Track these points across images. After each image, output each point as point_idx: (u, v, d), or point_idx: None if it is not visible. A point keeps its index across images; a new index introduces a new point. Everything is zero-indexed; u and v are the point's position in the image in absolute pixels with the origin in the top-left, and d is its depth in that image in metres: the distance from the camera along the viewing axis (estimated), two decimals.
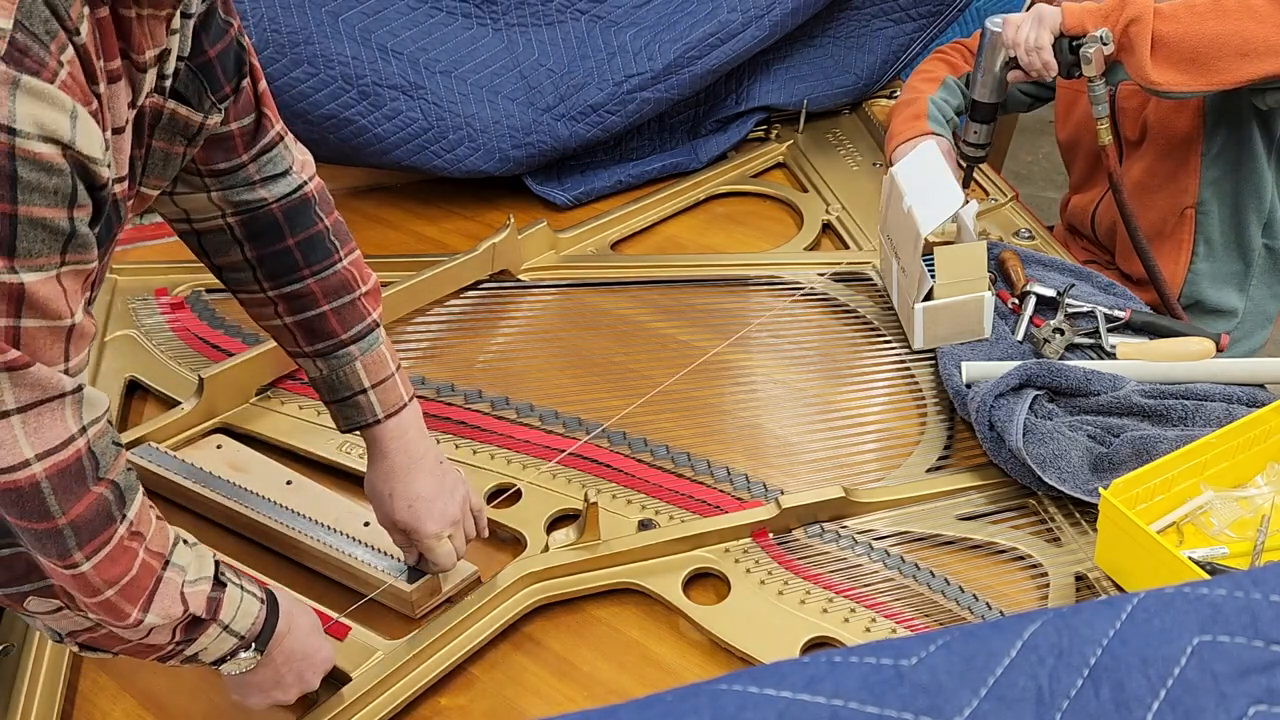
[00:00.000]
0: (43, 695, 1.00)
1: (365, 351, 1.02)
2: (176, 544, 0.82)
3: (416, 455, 1.04)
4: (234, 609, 0.86)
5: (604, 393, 1.35)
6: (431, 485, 1.04)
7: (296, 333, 1.02)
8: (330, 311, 1.01)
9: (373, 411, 1.03)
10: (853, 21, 1.94)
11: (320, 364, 1.02)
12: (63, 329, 0.68)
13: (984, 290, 1.37)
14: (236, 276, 1.02)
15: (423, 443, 1.05)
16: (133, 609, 0.77)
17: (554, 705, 1.02)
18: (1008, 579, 1.13)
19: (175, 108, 0.85)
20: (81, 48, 0.67)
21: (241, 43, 0.92)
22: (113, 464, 0.74)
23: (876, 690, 0.51)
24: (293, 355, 1.05)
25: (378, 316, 1.05)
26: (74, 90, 0.66)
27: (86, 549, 0.72)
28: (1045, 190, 3.39)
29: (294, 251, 1.00)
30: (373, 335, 1.04)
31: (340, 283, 1.02)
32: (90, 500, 0.72)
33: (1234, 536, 1.15)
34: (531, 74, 1.75)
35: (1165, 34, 1.36)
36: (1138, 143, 1.64)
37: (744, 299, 1.55)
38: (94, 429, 0.72)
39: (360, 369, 1.02)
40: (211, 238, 1.00)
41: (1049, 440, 1.20)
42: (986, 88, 1.54)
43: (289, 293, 1.01)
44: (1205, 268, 1.67)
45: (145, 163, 0.85)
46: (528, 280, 1.57)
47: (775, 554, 1.14)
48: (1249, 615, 0.54)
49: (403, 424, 1.04)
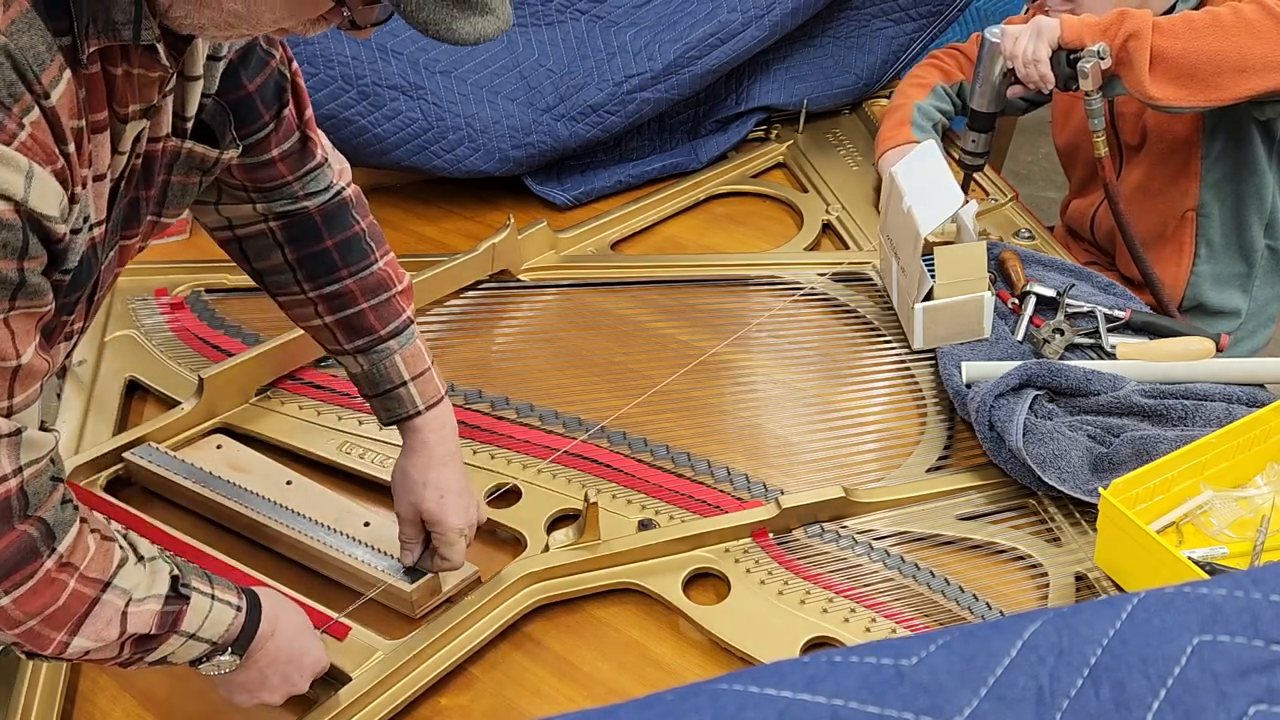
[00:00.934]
0: (43, 695, 1.00)
1: (403, 346, 1.06)
2: (122, 566, 0.82)
3: (452, 449, 1.08)
4: (200, 619, 0.86)
5: (604, 393, 1.35)
6: (462, 481, 1.07)
7: (337, 331, 1.06)
8: (369, 309, 1.05)
9: (414, 403, 1.06)
10: (853, 21, 1.94)
11: (361, 360, 1.06)
12: (7, 370, 0.71)
13: (984, 290, 1.37)
14: (277, 279, 1.06)
15: (455, 439, 1.09)
16: (58, 634, 0.78)
17: (554, 705, 1.02)
18: (1008, 579, 1.13)
19: (192, 147, 0.88)
20: (50, 110, 0.69)
21: (284, 71, 0.96)
22: (44, 501, 0.75)
23: (877, 690, 0.51)
24: (333, 353, 1.09)
25: (411, 313, 1.09)
26: (34, 151, 0.68)
27: (5, 583, 0.73)
28: (1045, 190, 3.39)
29: (333, 253, 1.04)
30: (409, 331, 1.08)
31: (377, 282, 1.06)
32: (12, 538, 0.73)
33: (1234, 536, 1.15)
34: (531, 74, 1.75)
35: (1164, 50, 1.36)
36: (1138, 147, 1.64)
37: (744, 299, 1.55)
38: (30, 470, 0.74)
39: (400, 362, 1.06)
40: (253, 242, 1.05)
41: (1049, 440, 1.20)
42: (985, 97, 1.54)
43: (329, 293, 1.05)
44: (1207, 270, 1.67)
45: (164, 196, 0.89)
46: (528, 280, 1.57)
47: (775, 554, 1.14)
48: (1249, 615, 0.54)
49: (441, 416, 1.08)
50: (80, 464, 1.20)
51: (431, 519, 1.05)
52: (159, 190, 0.88)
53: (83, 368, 1.36)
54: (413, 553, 1.08)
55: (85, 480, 1.20)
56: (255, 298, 1.50)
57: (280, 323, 1.39)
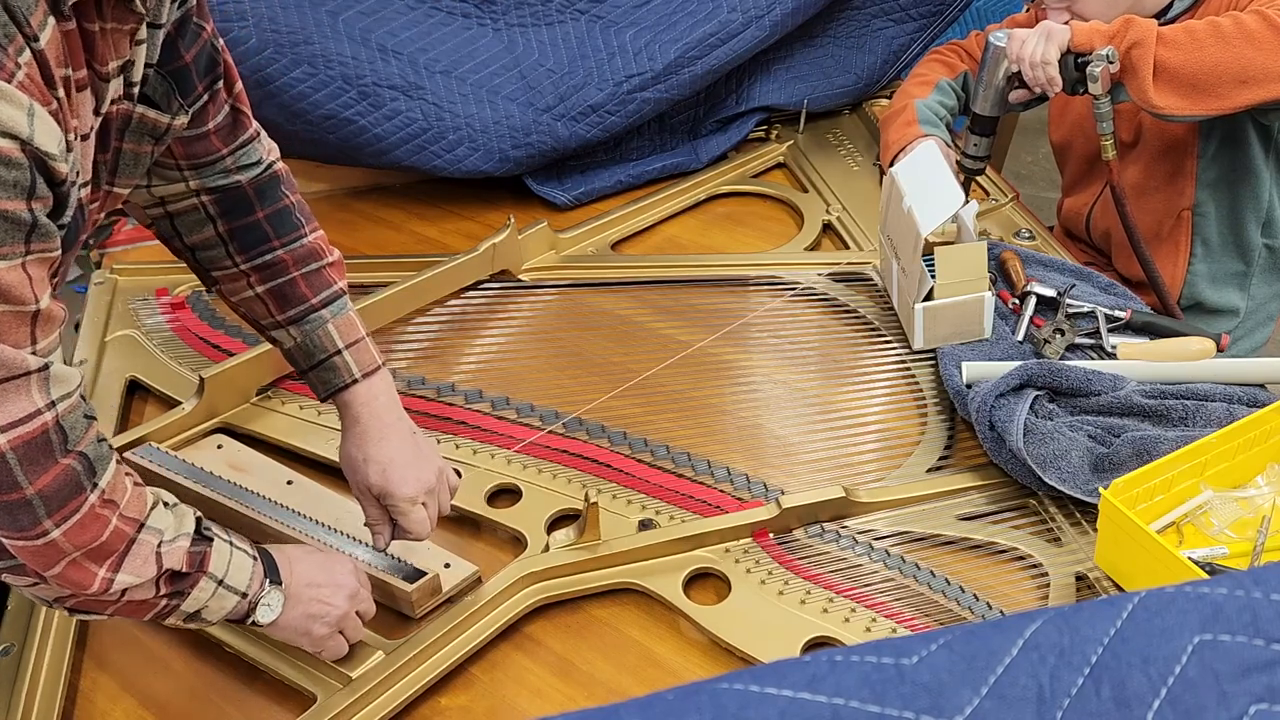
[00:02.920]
0: (43, 695, 1.00)
1: (336, 315, 1.07)
2: (154, 508, 0.85)
3: (389, 421, 1.07)
4: (225, 562, 0.89)
5: (604, 393, 1.35)
6: (405, 451, 1.06)
7: (269, 301, 1.06)
8: (300, 277, 1.06)
9: (349, 372, 1.06)
10: (853, 21, 1.94)
11: (294, 331, 1.07)
12: (28, 314, 0.72)
13: (984, 290, 1.37)
14: (209, 254, 1.07)
15: (394, 409, 1.08)
16: (100, 569, 0.80)
17: (554, 705, 1.02)
18: (1008, 579, 1.13)
19: (144, 112, 0.89)
20: (40, 53, 0.70)
21: (215, 44, 0.97)
22: (82, 436, 0.77)
23: (877, 689, 0.51)
24: (265, 329, 1.09)
25: (344, 286, 1.10)
26: (31, 90, 0.69)
27: (55, 516, 0.76)
28: (1045, 190, 3.39)
29: (264, 224, 1.05)
30: (341, 300, 1.08)
31: (308, 252, 1.07)
32: (58, 471, 0.75)
33: (1234, 536, 1.15)
34: (531, 74, 1.75)
35: (1166, 60, 1.36)
36: (1133, 145, 1.64)
37: (744, 299, 1.55)
38: (63, 404, 0.76)
39: (333, 330, 1.06)
40: (185, 218, 1.05)
41: (1049, 440, 1.19)
42: (987, 101, 1.54)
43: (261, 264, 1.06)
44: (1204, 268, 1.67)
45: (116, 164, 0.89)
46: (528, 280, 1.57)
47: (775, 554, 1.14)
48: (1249, 614, 0.54)
49: (374, 389, 1.07)
50: None
51: (380, 493, 1.04)
52: (112, 157, 0.89)
53: (83, 368, 1.37)
54: (383, 535, 1.07)
55: None
56: None
57: None
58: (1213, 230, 1.64)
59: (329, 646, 0.99)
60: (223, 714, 1.01)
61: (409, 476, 1.04)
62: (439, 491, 1.07)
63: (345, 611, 0.98)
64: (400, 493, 1.04)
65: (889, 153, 1.65)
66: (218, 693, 1.02)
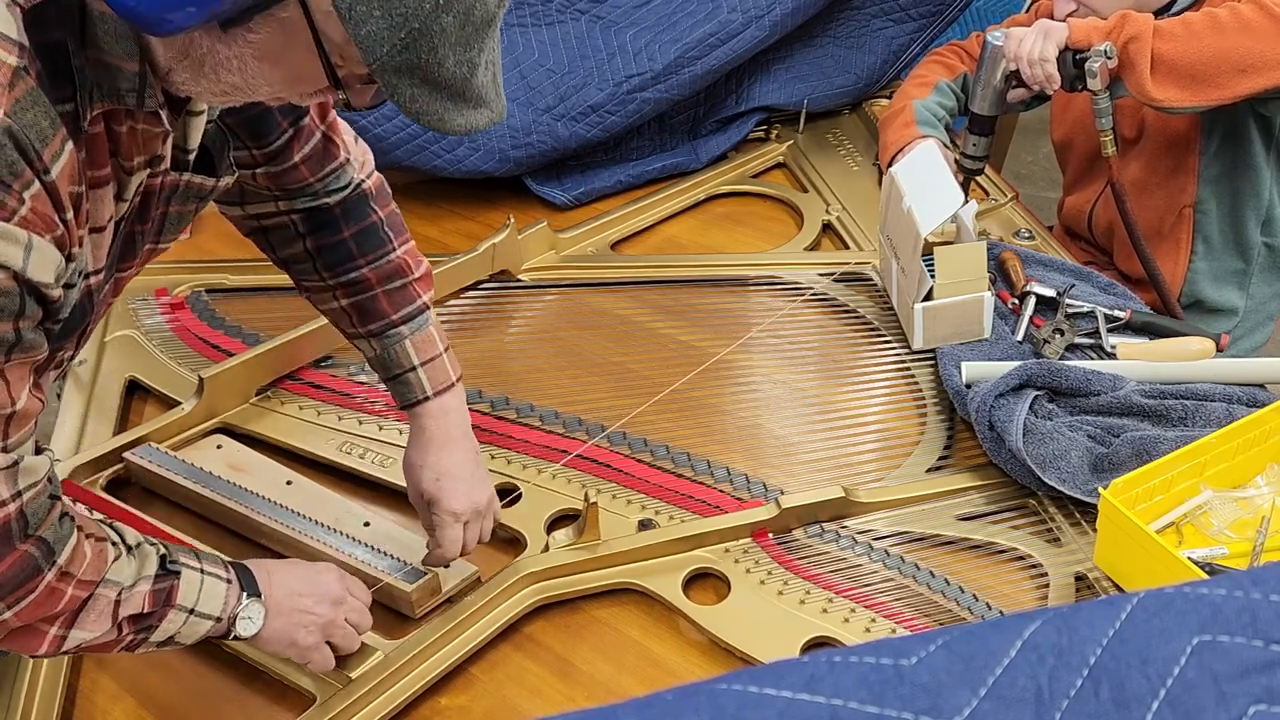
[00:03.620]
0: (43, 695, 1.00)
1: (414, 331, 1.09)
2: (115, 561, 0.85)
3: (455, 435, 1.09)
4: (195, 590, 0.89)
5: (604, 393, 1.35)
6: (465, 467, 1.08)
7: (352, 314, 1.10)
8: (382, 294, 1.09)
9: (422, 389, 1.09)
10: (853, 21, 1.94)
11: (374, 344, 1.10)
12: (3, 415, 0.75)
13: (984, 290, 1.37)
14: (299, 267, 1.11)
15: (462, 426, 1.10)
16: (50, 628, 0.82)
17: (554, 705, 1.02)
18: (1008, 579, 1.13)
19: (190, 179, 0.91)
20: (51, 184, 0.72)
21: None
22: (43, 520, 0.78)
23: (876, 690, 0.51)
24: (349, 336, 1.13)
25: (428, 299, 1.12)
26: (34, 223, 0.71)
27: (8, 599, 0.77)
28: (1045, 190, 3.39)
29: (349, 243, 1.08)
30: (422, 317, 1.11)
31: (393, 270, 1.10)
32: (15, 558, 0.77)
33: (1233, 537, 1.15)
34: (531, 74, 1.74)
35: (1164, 52, 1.37)
36: (1134, 141, 1.64)
37: (744, 299, 1.55)
38: (29, 493, 0.77)
39: (410, 347, 1.09)
40: (276, 233, 1.10)
41: (1049, 440, 1.19)
42: (986, 100, 1.54)
43: (346, 281, 1.09)
44: (1204, 266, 1.67)
45: (161, 227, 0.92)
46: (528, 280, 1.57)
47: (775, 554, 1.14)
48: (1249, 615, 0.54)
49: (445, 405, 1.10)
50: (80, 464, 1.20)
51: (431, 500, 1.06)
52: (156, 222, 0.91)
53: (83, 368, 1.37)
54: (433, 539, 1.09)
55: (85, 480, 1.20)
56: (256, 298, 1.50)
57: (280, 323, 1.39)
58: (1214, 227, 1.64)
59: (316, 658, 0.98)
60: (223, 714, 1.01)
61: (460, 491, 1.06)
62: (485, 518, 1.09)
63: (331, 619, 0.97)
64: (448, 505, 1.05)
65: (887, 153, 1.65)
66: (218, 693, 1.02)
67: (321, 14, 0.74)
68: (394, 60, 0.74)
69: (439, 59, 0.76)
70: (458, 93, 0.79)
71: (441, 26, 0.75)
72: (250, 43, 0.76)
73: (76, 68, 0.74)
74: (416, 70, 0.76)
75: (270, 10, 0.74)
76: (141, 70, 0.77)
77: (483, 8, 0.77)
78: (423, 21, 0.73)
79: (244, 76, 0.77)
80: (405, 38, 0.73)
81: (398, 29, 0.73)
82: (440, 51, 0.76)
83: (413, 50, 0.74)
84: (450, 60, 0.77)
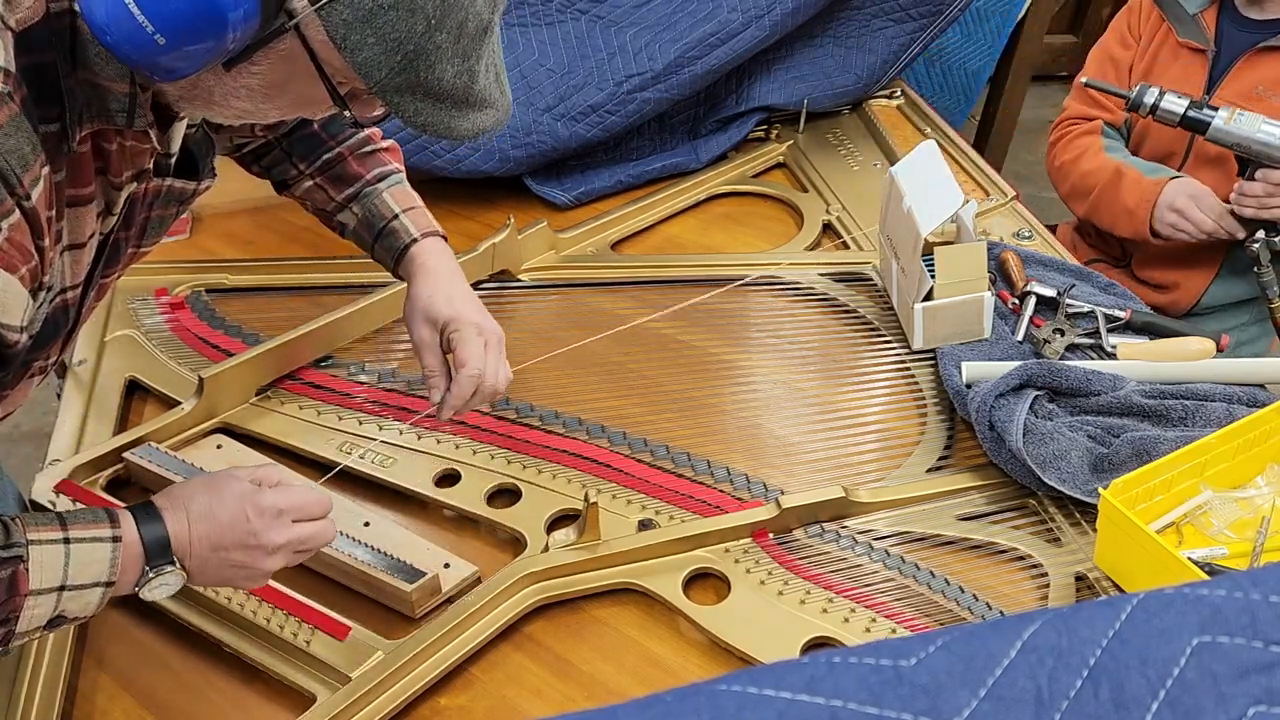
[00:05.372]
0: (43, 695, 1.00)
1: (390, 186, 1.13)
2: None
3: (458, 272, 1.11)
4: (57, 569, 0.80)
5: (604, 393, 1.35)
6: (473, 299, 1.09)
7: (327, 187, 1.14)
8: (352, 159, 1.14)
9: (408, 232, 1.11)
10: (853, 21, 1.94)
11: (354, 208, 1.13)
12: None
13: (984, 290, 1.37)
14: (277, 169, 1.18)
15: (458, 268, 1.12)
16: None
17: (554, 705, 1.02)
18: (1008, 579, 1.13)
19: (172, 183, 0.92)
20: (30, 210, 0.72)
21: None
22: None
23: (876, 691, 0.51)
24: (329, 216, 1.17)
25: (398, 166, 1.17)
26: (9, 254, 0.71)
27: None
28: (1045, 190, 3.38)
29: (319, 132, 1.15)
30: (395, 176, 1.16)
31: (361, 140, 1.16)
32: None
33: (1233, 537, 1.15)
34: (531, 74, 1.74)
35: None
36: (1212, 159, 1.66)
37: (744, 299, 1.55)
38: None
39: (389, 198, 1.13)
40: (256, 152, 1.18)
41: (1049, 440, 1.19)
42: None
43: (319, 163, 1.15)
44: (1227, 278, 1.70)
45: (144, 230, 0.93)
46: (528, 280, 1.57)
47: (775, 554, 1.14)
48: (1248, 616, 0.54)
49: (436, 246, 1.12)
50: (80, 464, 1.20)
51: (448, 320, 1.05)
52: (139, 227, 0.91)
53: (83, 368, 1.37)
54: (438, 386, 1.08)
55: (85, 480, 1.20)
56: (255, 298, 1.50)
57: (280, 323, 1.39)
58: (1241, 256, 1.65)
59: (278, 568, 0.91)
60: (223, 714, 1.01)
61: (474, 309, 1.07)
62: (501, 352, 1.08)
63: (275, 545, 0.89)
64: (468, 316, 1.05)
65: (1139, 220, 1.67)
66: (218, 692, 1.03)
67: (319, 44, 0.75)
68: (394, 81, 0.76)
69: (437, 75, 0.77)
70: (460, 100, 0.80)
71: (436, 45, 0.75)
72: (254, 74, 0.78)
73: (66, 89, 0.74)
74: (417, 88, 0.77)
75: (269, 46, 0.75)
76: (132, 91, 0.78)
77: (476, 19, 0.78)
78: (417, 43, 0.74)
79: (253, 103, 0.79)
80: (401, 60, 0.74)
81: (393, 53, 0.74)
82: (438, 68, 0.76)
83: (410, 70, 0.75)
84: (449, 73, 0.78)
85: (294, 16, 0.74)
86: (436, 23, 0.74)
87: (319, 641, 1.02)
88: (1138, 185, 1.66)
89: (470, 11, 0.77)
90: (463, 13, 0.76)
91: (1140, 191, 1.65)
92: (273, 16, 0.74)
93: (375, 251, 1.12)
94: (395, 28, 0.73)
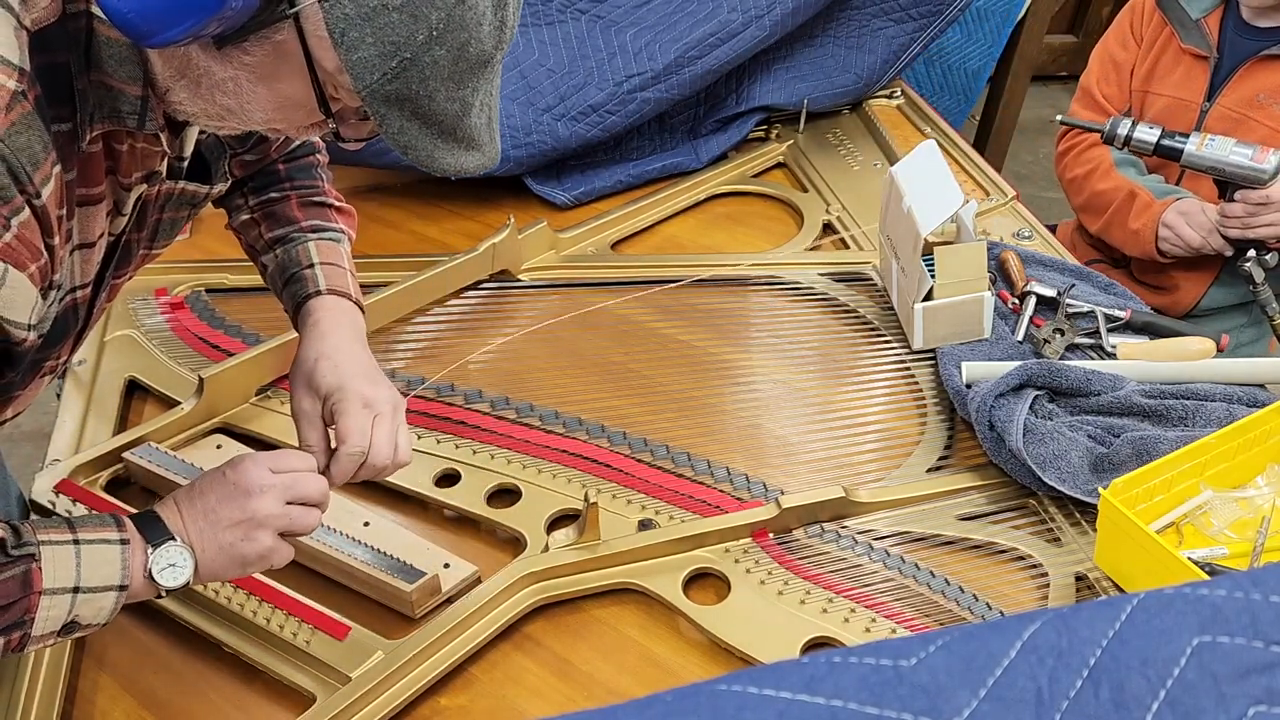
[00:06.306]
0: (43, 695, 1.00)
1: (321, 239, 1.07)
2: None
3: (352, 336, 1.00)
4: (70, 568, 0.80)
5: (604, 393, 1.35)
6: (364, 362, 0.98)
7: (261, 224, 1.08)
8: (296, 202, 1.08)
9: (315, 283, 1.02)
10: (853, 21, 1.94)
11: (278, 251, 1.07)
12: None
13: (984, 290, 1.37)
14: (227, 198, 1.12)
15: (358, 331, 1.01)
16: None
17: (554, 705, 1.02)
18: (1008, 579, 1.13)
19: (185, 186, 0.91)
20: (40, 208, 0.72)
21: None
22: None
23: (876, 691, 0.51)
24: (256, 255, 1.11)
25: (345, 228, 1.11)
26: (19, 252, 0.71)
27: None
28: (1045, 190, 3.39)
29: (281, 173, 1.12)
30: (335, 233, 1.09)
31: (315, 190, 1.11)
32: None
33: (1234, 537, 1.15)
34: (531, 74, 1.74)
35: None
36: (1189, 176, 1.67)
37: (744, 299, 1.55)
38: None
39: (313, 248, 1.06)
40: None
41: (1049, 440, 1.19)
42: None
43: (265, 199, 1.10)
44: (1226, 282, 1.69)
45: (155, 233, 0.92)
46: (528, 280, 1.57)
47: (775, 554, 1.14)
48: (1249, 616, 0.54)
49: (341, 306, 1.02)
50: (80, 464, 1.20)
51: (331, 390, 0.94)
52: (150, 229, 0.91)
53: (83, 368, 1.37)
54: (319, 458, 0.95)
55: (85, 480, 1.20)
56: (256, 298, 1.50)
57: (280, 322, 1.39)
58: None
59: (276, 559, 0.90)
60: (223, 714, 1.01)
61: (364, 379, 0.96)
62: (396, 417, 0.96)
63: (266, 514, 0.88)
64: (353, 386, 0.94)
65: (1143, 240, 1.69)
66: (218, 693, 1.03)
67: (316, 39, 0.74)
68: (384, 88, 0.75)
69: (429, 91, 0.76)
70: (448, 130, 0.79)
71: (433, 59, 0.75)
72: (245, 64, 0.76)
73: (79, 89, 0.74)
74: (406, 101, 0.76)
75: (266, 32, 0.74)
76: (144, 94, 0.78)
77: (478, 46, 0.77)
78: (414, 52, 0.74)
79: (239, 100, 0.78)
80: (396, 66, 0.74)
81: (389, 57, 0.73)
82: (431, 84, 0.76)
83: (403, 80, 0.75)
84: (441, 95, 0.77)
85: (295, 4, 0.73)
86: (438, 36, 0.74)
87: (319, 641, 1.02)
88: (1146, 209, 1.68)
89: (474, 36, 0.76)
90: (466, 34, 0.75)
91: (1148, 215, 1.68)
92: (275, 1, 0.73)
93: (282, 299, 1.03)
94: (395, 30, 0.72)
